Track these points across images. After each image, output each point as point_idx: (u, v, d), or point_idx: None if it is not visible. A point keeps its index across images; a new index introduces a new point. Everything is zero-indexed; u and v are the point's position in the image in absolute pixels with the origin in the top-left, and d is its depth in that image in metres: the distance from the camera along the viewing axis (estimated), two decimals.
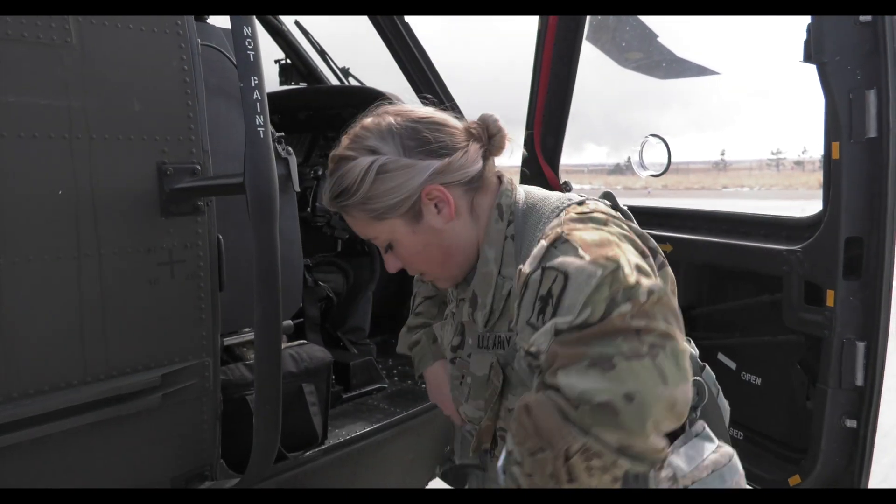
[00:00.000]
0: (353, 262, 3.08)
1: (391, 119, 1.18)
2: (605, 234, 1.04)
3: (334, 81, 3.43)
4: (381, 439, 2.32)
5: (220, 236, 1.73)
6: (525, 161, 2.57)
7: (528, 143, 2.56)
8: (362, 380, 2.70)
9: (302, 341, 2.26)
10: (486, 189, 1.23)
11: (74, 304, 1.49)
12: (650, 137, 2.19)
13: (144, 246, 1.59)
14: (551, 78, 2.38)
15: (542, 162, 2.53)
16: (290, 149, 2.07)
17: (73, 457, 1.54)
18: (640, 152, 2.18)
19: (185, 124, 1.65)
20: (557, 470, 0.92)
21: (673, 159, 2.16)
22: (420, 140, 1.16)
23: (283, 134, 2.08)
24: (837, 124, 1.56)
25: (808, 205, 2.28)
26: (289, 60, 3.28)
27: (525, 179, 2.58)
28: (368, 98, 1.32)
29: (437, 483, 2.86)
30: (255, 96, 1.42)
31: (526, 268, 1.06)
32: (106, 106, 1.52)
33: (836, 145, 1.56)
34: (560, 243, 1.02)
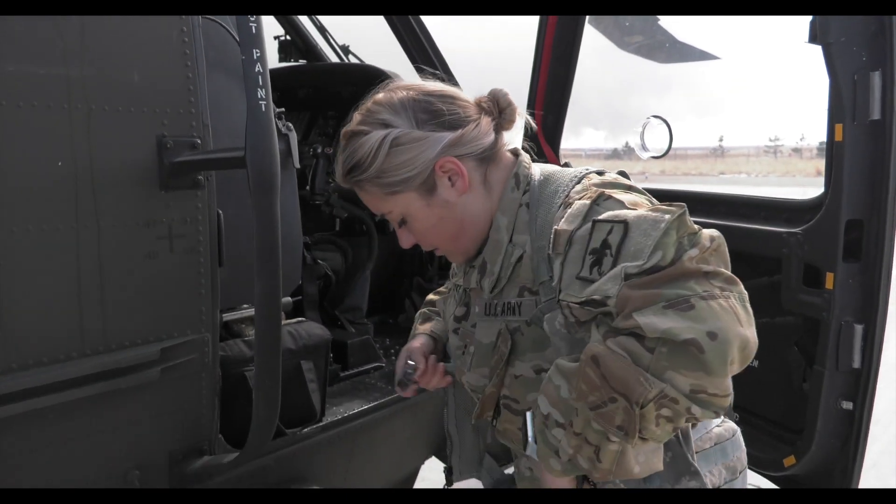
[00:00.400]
0: (352, 241, 3.07)
1: (403, 93, 1.18)
2: (635, 197, 1.08)
3: (334, 59, 3.40)
4: (379, 417, 2.33)
5: (220, 211, 1.72)
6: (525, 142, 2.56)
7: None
8: (360, 358, 2.70)
9: (300, 319, 2.26)
10: (498, 162, 1.23)
11: (73, 277, 1.49)
12: (652, 119, 2.18)
13: (143, 219, 1.58)
14: (553, 58, 2.37)
15: (543, 142, 2.52)
16: (290, 125, 2.06)
17: (72, 429, 1.54)
18: (642, 133, 2.17)
19: (185, 97, 1.63)
20: (629, 420, 0.91)
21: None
22: (432, 113, 1.16)
23: (283, 109, 2.07)
24: (841, 106, 1.55)
25: (805, 192, 2.29)
26: (288, 37, 3.25)
27: None
28: (369, 76, 1.32)
29: (432, 462, 2.89)
30: (256, 69, 1.40)
31: (565, 225, 1.07)
32: (105, 77, 1.50)
33: (839, 127, 1.56)
34: (603, 200, 1.05)
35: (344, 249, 2.96)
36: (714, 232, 0.97)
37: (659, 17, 3.22)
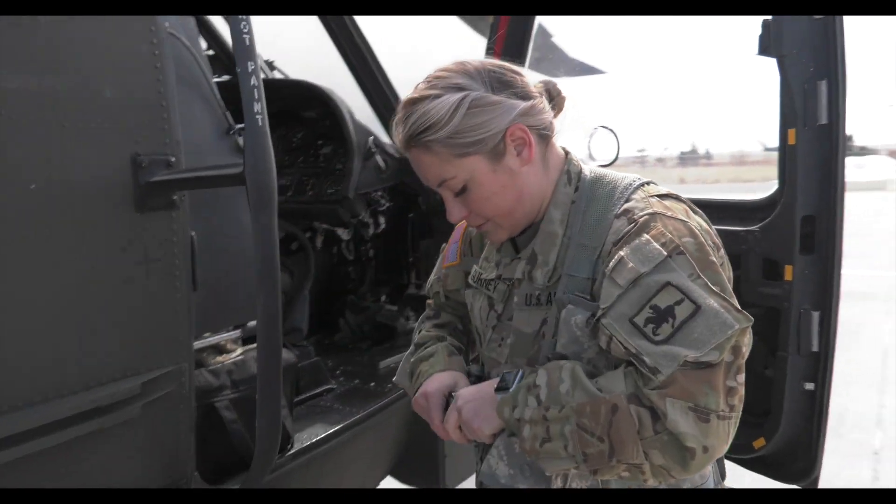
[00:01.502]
0: (291, 259, 2.99)
1: (474, 62, 1.20)
2: (700, 239, 1.12)
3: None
4: (344, 440, 2.27)
5: (193, 233, 1.63)
6: None
7: None
8: (311, 382, 2.62)
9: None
10: (553, 146, 1.26)
11: (50, 309, 1.36)
12: (599, 128, 2.27)
13: (119, 244, 1.47)
14: (503, 56, 2.42)
15: None
16: None
17: (48, 478, 1.40)
18: (589, 143, 2.26)
19: (158, 113, 1.54)
20: (598, 460, 1.07)
21: None
22: (505, 82, 1.18)
23: (243, 126, 1.99)
24: (793, 112, 1.70)
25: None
26: (212, 52, 3.12)
27: None
28: (300, 91, 1.31)
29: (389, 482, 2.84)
30: (252, 82, 1.35)
31: (636, 262, 1.09)
32: (77, 91, 1.39)
33: (791, 132, 1.71)
34: (676, 255, 1.08)
35: (290, 269, 2.88)
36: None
37: (552, 34, 3.34)
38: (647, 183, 1.26)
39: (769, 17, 1.71)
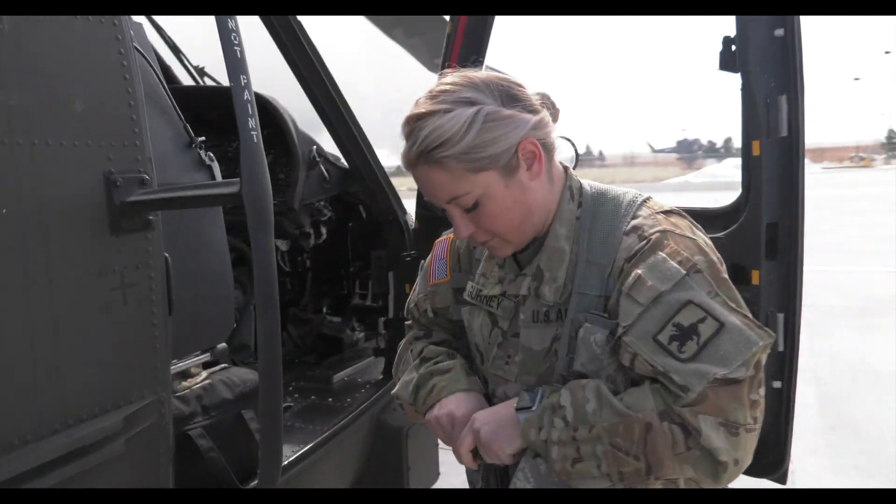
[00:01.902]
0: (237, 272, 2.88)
1: (480, 75, 1.18)
2: (711, 256, 1.16)
3: (188, 81, 3.17)
4: (315, 459, 2.20)
5: (167, 255, 1.54)
6: None
7: None
8: None
9: (223, 365, 2.08)
10: (554, 160, 1.27)
11: (26, 342, 1.24)
12: (558, 138, 2.31)
13: (95, 269, 1.36)
14: (461, 55, 2.42)
15: None
16: (212, 155, 1.90)
17: None
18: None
19: (130, 128, 1.44)
20: (635, 478, 1.10)
21: None
22: (513, 96, 1.18)
23: (204, 138, 1.89)
24: (757, 125, 1.79)
25: None
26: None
27: None
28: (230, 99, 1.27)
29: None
30: (245, 97, 1.28)
31: (654, 280, 1.11)
32: (46, 106, 1.28)
33: (756, 143, 1.80)
34: (694, 273, 1.11)
35: (243, 284, 2.77)
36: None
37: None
38: (649, 198, 1.30)
39: (730, 35, 1.80)
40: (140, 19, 2.97)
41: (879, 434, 4.21)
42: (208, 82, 3.22)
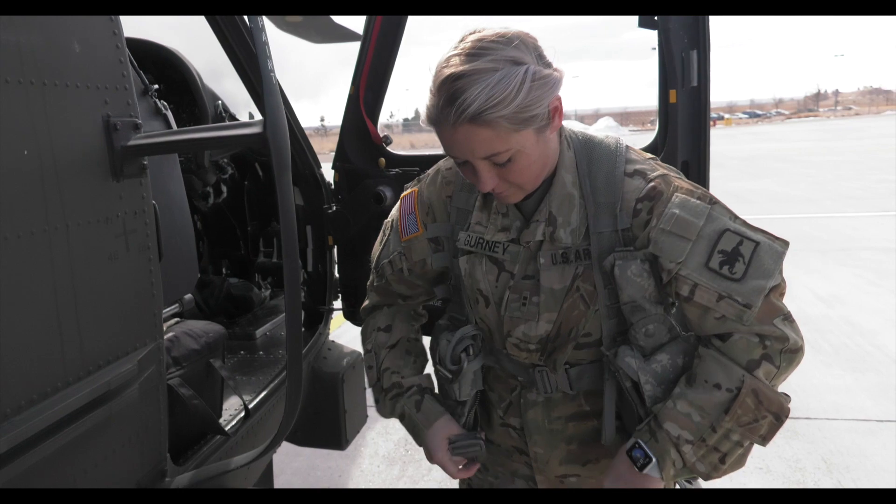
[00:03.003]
0: None
1: (513, 32, 1.19)
2: (701, 188, 1.32)
3: None
4: (270, 407, 2.24)
5: (155, 202, 1.52)
6: (347, 114, 2.63)
7: (353, 98, 2.61)
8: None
9: (177, 319, 2.05)
10: None
11: (50, 289, 1.21)
12: None
13: (103, 215, 1.34)
14: (378, 39, 2.48)
15: (365, 116, 2.62)
16: (165, 103, 1.86)
17: (51, 481, 1.26)
18: None
19: (119, 71, 1.41)
20: (772, 430, 1.25)
21: None
22: (540, 54, 1.20)
23: (158, 87, 1.84)
24: (674, 76, 2.05)
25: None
26: None
27: (348, 131, 2.64)
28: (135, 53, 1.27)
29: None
30: (263, 38, 1.30)
31: (689, 216, 1.24)
32: (50, 44, 1.24)
33: (672, 92, 2.06)
34: (714, 204, 1.27)
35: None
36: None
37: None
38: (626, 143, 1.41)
39: None
40: None
41: None
42: None
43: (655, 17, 2.04)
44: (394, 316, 1.59)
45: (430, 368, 1.57)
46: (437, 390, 1.55)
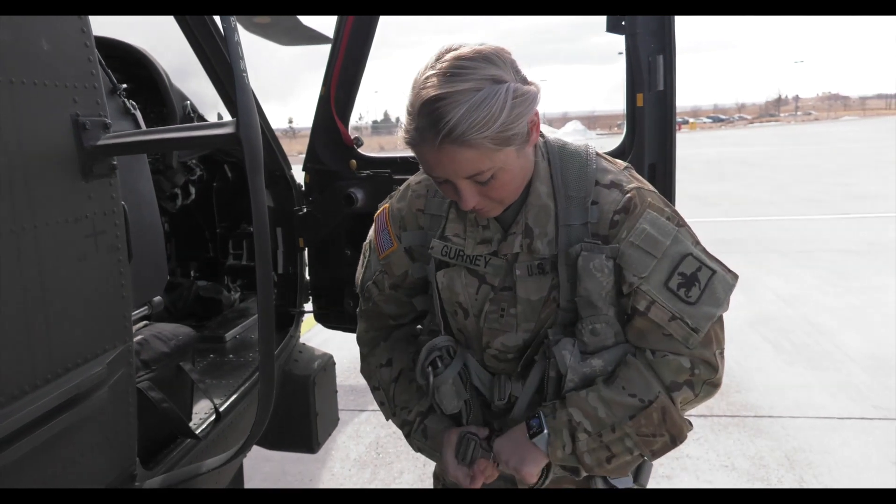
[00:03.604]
0: None
1: (489, 48, 1.19)
2: (670, 206, 1.35)
3: None
4: (242, 409, 2.23)
5: (123, 202, 1.51)
6: (318, 115, 2.62)
7: (324, 99, 2.61)
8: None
9: (145, 322, 2.02)
10: None
11: (19, 290, 1.20)
12: None
13: (72, 215, 1.33)
14: (348, 46, 2.48)
15: (336, 117, 2.62)
16: (134, 103, 1.84)
17: (19, 485, 1.24)
18: None
19: (87, 69, 1.39)
20: (664, 449, 1.31)
21: None
22: (517, 69, 1.21)
23: (126, 86, 1.82)
24: (641, 80, 2.09)
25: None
26: None
27: (319, 132, 2.63)
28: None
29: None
30: (236, 38, 1.30)
31: (657, 234, 1.27)
32: (18, 41, 1.22)
33: (640, 96, 2.10)
34: (679, 227, 1.30)
35: None
36: None
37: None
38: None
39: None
40: None
41: None
42: None
43: (623, 22, 2.08)
44: (392, 348, 1.58)
45: None
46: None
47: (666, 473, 3.40)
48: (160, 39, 2.79)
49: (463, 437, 1.43)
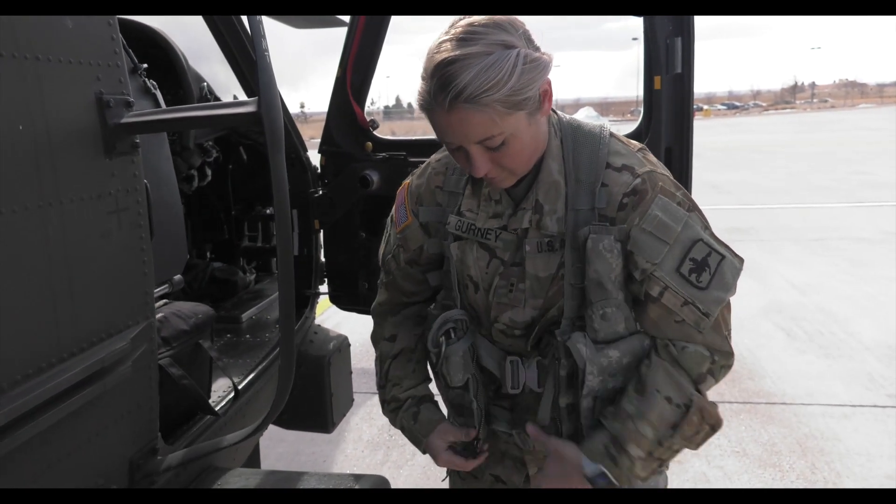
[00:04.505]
0: None
1: (500, 18, 1.20)
2: (682, 189, 1.35)
3: None
4: (258, 388, 2.26)
5: (146, 180, 1.53)
6: (334, 98, 2.63)
7: (340, 81, 2.61)
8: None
9: (165, 300, 2.05)
10: None
11: (45, 264, 1.22)
12: None
13: (95, 192, 1.34)
14: (367, 21, 2.48)
15: (352, 99, 2.62)
16: (154, 83, 1.85)
17: (45, 458, 1.27)
18: None
19: (111, 48, 1.41)
20: (705, 437, 1.32)
21: None
22: (530, 38, 1.22)
23: (146, 66, 1.83)
24: (659, 63, 2.08)
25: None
26: None
27: (335, 114, 2.64)
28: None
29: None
30: (258, 19, 1.31)
31: (669, 220, 1.27)
32: (43, 20, 1.23)
33: (657, 78, 2.09)
34: (690, 212, 1.30)
35: None
36: None
37: None
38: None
39: None
40: None
41: None
42: None
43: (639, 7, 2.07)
44: (399, 325, 1.61)
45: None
46: (437, 396, 1.58)
47: (678, 459, 3.41)
48: (174, 20, 2.79)
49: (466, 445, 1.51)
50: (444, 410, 1.59)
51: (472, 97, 1.15)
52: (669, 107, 2.12)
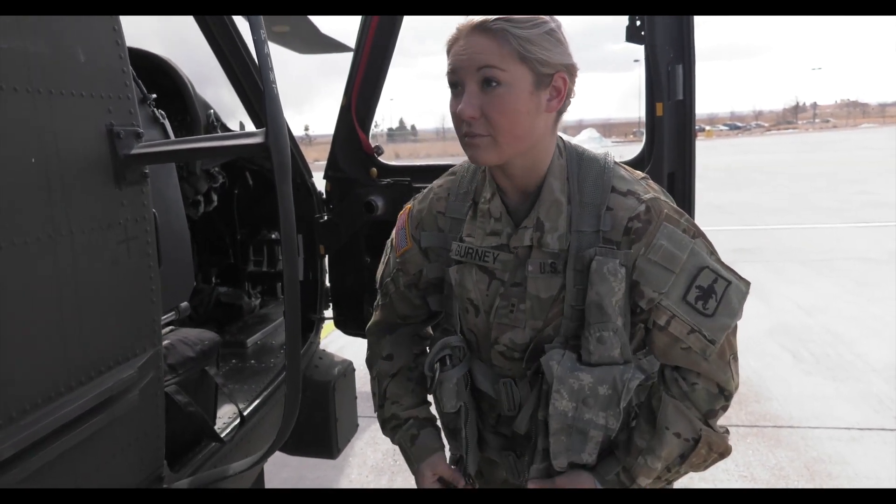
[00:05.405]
0: None
1: (544, 17, 1.28)
2: (685, 216, 1.36)
3: None
4: (264, 413, 2.26)
5: (154, 209, 1.55)
6: (339, 125, 2.66)
7: (345, 109, 2.64)
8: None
9: (171, 327, 2.06)
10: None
11: (56, 294, 1.23)
12: None
13: (105, 221, 1.36)
14: (371, 53, 2.51)
15: (357, 126, 2.65)
16: (163, 112, 1.88)
17: (54, 485, 1.27)
18: None
19: (122, 80, 1.43)
20: (713, 462, 1.38)
21: None
22: (565, 41, 1.29)
23: (155, 96, 1.86)
24: (660, 89, 2.11)
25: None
26: None
27: (340, 141, 2.67)
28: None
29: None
30: (265, 50, 1.33)
31: (674, 249, 1.29)
32: (57, 54, 1.26)
33: (659, 105, 2.12)
34: (697, 238, 1.32)
35: None
36: None
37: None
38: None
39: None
40: None
41: None
42: None
43: (642, 32, 2.09)
44: (396, 343, 1.61)
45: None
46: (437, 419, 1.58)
47: (684, 483, 3.38)
48: (179, 46, 2.84)
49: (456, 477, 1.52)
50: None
51: (494, 24, 1.22)
52: (671, 133, 2.14)
